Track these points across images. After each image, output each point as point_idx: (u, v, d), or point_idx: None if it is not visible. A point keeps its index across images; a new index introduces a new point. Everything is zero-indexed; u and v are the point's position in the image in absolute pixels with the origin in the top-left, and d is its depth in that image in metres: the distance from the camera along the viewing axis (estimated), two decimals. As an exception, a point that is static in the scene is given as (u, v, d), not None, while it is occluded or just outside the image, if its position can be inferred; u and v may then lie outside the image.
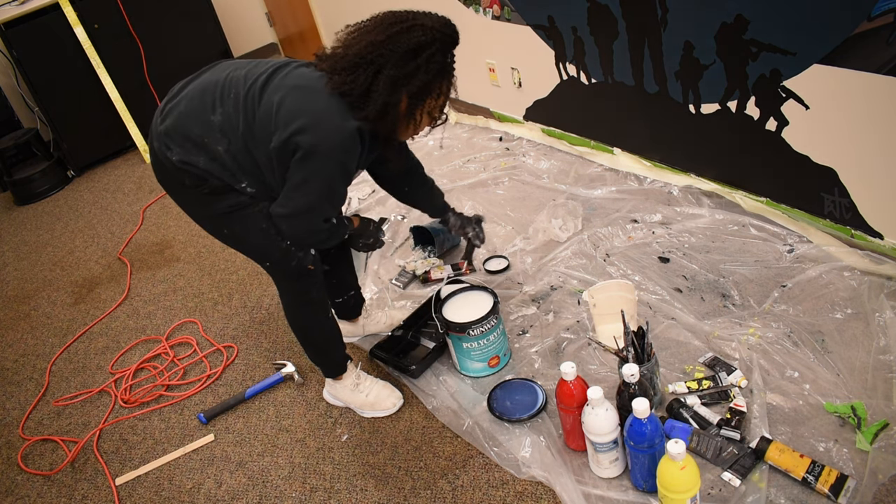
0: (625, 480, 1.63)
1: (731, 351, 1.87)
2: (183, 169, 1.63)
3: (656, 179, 2.65)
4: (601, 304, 1.99)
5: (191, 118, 1.62)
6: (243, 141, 1.60)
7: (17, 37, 3.86)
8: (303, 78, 1.60)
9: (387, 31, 1.53)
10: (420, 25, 1.53)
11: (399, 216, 2.88)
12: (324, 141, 1.53)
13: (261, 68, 1.64)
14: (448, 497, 1.74)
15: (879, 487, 1.48)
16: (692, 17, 2.19)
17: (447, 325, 1.95)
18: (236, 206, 1.68)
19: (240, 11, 4.99)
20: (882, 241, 2.03)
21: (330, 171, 1.58)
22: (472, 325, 1.91)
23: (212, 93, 1.63)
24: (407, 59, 1.52)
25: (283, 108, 1.56)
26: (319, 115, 1.54)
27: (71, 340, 2.72)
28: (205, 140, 1.60)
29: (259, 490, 1.90)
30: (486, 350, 1.96)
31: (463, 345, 1.96)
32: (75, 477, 2.10)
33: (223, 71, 1.68)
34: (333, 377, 2.03)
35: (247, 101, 1.59)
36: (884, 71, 1.79)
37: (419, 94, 1.58)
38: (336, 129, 1.54)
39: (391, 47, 1.52)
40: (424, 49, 1.53)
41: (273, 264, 1.80)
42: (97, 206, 3.85)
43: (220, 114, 1.60)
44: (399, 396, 2.03)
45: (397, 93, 1.55)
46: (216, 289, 2.80)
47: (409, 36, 1.52)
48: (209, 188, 1.65)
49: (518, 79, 3.13)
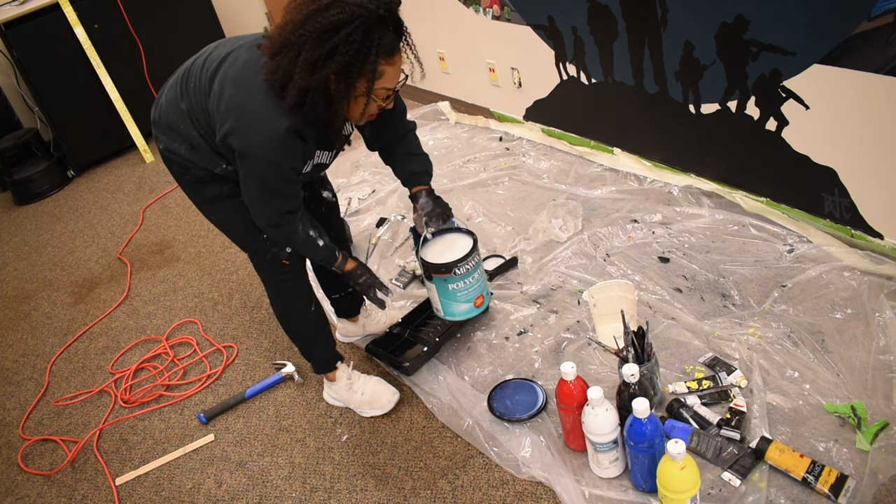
0: (625, 480, 1.63)
1: (731, 351, 1.87)
2: (169, 158, 1.70)
3: (656, 179, 2.65)
4: (601, 304, 1.99)
5: (168, 108, 1.67)
6: (210, 128, 1.61)
7: (17, 37, 3.86)
8: (245, 68, 1.53)
9: (306, 8, 1.43)
10: (338, 2, 1.41)
11: (399, 216, 2.88)
12: (253, 146, 1.52)
13: (219, 51, 1.62)
14: (448, 497, 1.74)
15: (879, 487, 1.48)
16: (692, 17, 2.19)
17: (431, 269, 1.91)
18: (219, 196, 1.73)
19: (240, 11, 4.98)
20: (882, 241, 2.03)
21: (265, 174, 1.56)
22: (459, 264, 1.88)
23: (182, 80, 1.65)
24: (323, 40, 1.41)
25: (222, 103, 1.54)
26: (248, 119, 1.50)
27: (71, 340, 2.72)
28: (181, 128, 1.64)
29: (259, 490, 1.90)
30: (471, 289, 1.95)
31: (449, 286, 1.92)
32: (75, 477, 2.10)
33: (198, 55, 1.69)
34: (323, 373, 2.06)
35: (201, 89, 1.60)
36: (884, 71, 1.79)
37: (344, 75, 1.45)
38: (265, 133, 1.50)
39: (308, 27, 1.41)
40: (342, 28, 1.40)
41: (253, 255, 1.87)
42: (97, 206, 3.85)
43: (185, 102, 1.63)
44: (394, 391, 2.04)
45: (316, 76, 1.43)
46: (216, 289, 2.80)
47: (325, 14, 1.40)
48: (193, 177, 1.71)
49: (518, 79, 3.13)
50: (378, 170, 3.26)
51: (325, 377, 2.07)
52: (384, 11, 1.44)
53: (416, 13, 3.50)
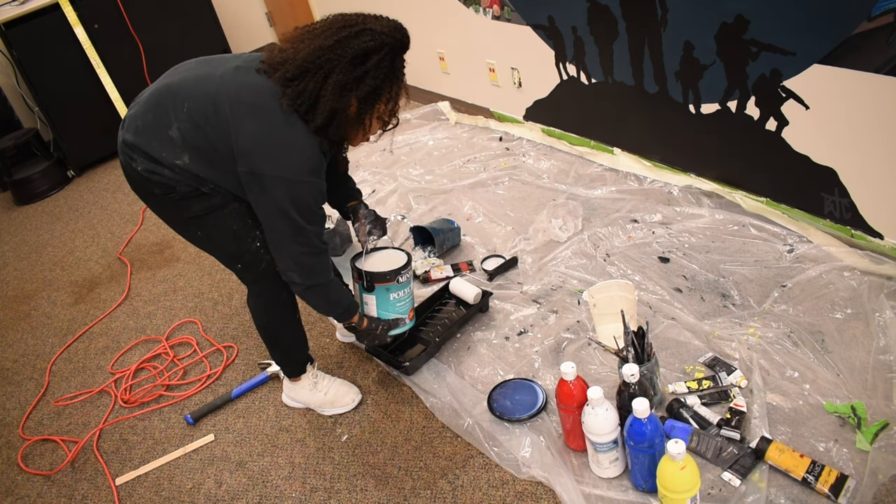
0: (625, 480, 1.63)
1: (731, 351, 1.87)
2: (150, 178, 1.63)
3: (656, 179, 2.65)
4: (601, 304, 1.99)
5: (148, 134, 1.61)
6: (206, 155, 1.60)
7: (17, 37, 3.86)
8: (257, 93, 1.57)
9: (335, 35, 1.52)
10: (369, 30, 1.52)
11: (399, 216, 2.88)
12: (286, 170, 1.56)
13: (214, 71, 1.62)
14: (448, 497, 1.74)
15: (879, 487, 1.48)
16: (692, 17, 2.19)
17: (375, 278, 1.93)
18: (209, 209, 1.69)
19: (240, 11, 4.99)
20: (882, 241, 2.03)
21: (303, 196, 1.60)
22: (402, 271, 1.94)
23: (165, 105, 1.61)
24: (355, 65, 1.51)
25: (242, 134, 1.55)
26: (278, 146, 1.55)
27: (71, 340, 2.72)
28: (163, 155, 1.60)
29: (259, 490, 1.90)
30: (408, 300, 2.00)
31: (391, 296, 1.96)
32: (75, 477, 2.10)
33: (178, 75, 1.66)
34: (295, 376, 2.05)
35: (202, 117, 1.58)
36: (884, 71, 1.79)
37: (368, 98, 1.57)
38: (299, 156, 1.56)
39: (339, 52, 1.50)
40: (373, 54, 1.52)
41: (244, 266, 1.81)
42: (97, 206, 3.85)
43: (177, 129, 1.59)
44: (357, 392, 2.06)
45: (345, 98, 1.54)
46: (216, 289, 2.80)
47: (357, 41, 1.51)
48: (178, 195, 1.65)
49: (518, 79, 3.14)
50: (378, 170, 3.26)
51: (290, 379, 2.07)
52: (406, 40, 1.58)
53: (417, 13, 3.50)
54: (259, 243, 1.76)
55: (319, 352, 2.30)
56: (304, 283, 1.72)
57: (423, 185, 3.05)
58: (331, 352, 2.30)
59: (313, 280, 1.73)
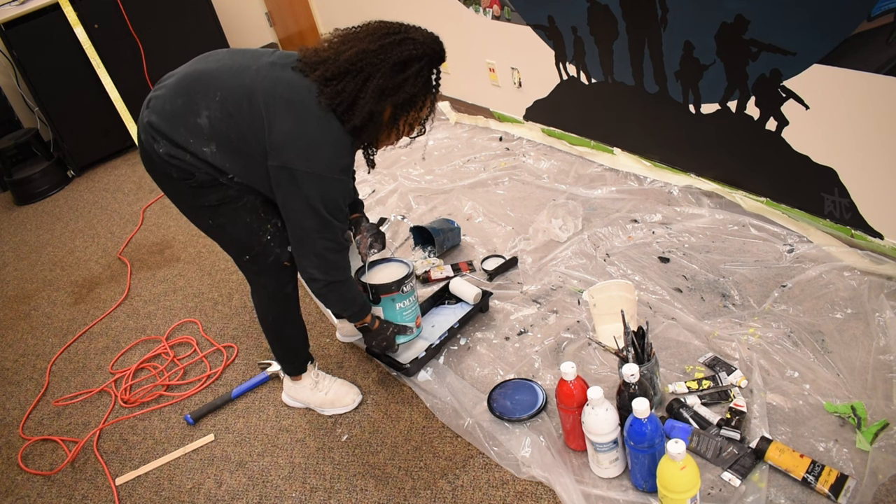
0: (625, 480, 1.63)
1: (731, 351, 1.87)
2: (170, 162, 1.63)
3: (656, 179, 2.65)
4: (601, 304, 1.99)
5: (175, 120, 1.61)
6: (234, 146, 1.61)
7: (17, 37, 3.86)
8: (294, 91, 1.59)
9: (379, 41, 1.56)
10: (411, 39, 1.57)
11: (399, 216, 2.88)
12: (320, 166, 1.59)
13: (248, 63, 1.63)
14: (448, 497, 1.74)
15: (879, 487, 1.48)
16: (692, 17, 2.19)
17: (381, 290, 1.98)
18: (224, 200, 1.70)
19: (240, 11, 4.99)
20: (882, 241, 2.03)
21: (333, 191, 1.63)
22: (405, 280, 1.98)
23: (196, 92, 1.61)
24: (396, 71, 1.56)
25: (277, 129, 1.57)
26: (314, 142, 1.58)
27: (71, 340, 2.72)
28: (190, 142, 1.60)
29: (259, 490, 1.90)
30: (413, 308, 2.04)
31: (396, 306, 2.00)
32: (75, 477, 2.10)
33: (209, 63, 1.66)
34: (295, 375, 2.05)
35: (236, 108, 1.58)
36: (884, 71, 1.79)
37: (404, 105, 1.62)
38: (334, 152, 1.60)
39: (382, 57, 1.55)
40: (414, 62, 1.57)
41: (252, 258, 1.81)
42: (97, 206, 3.85)
43: (207, 117, 1.59)
44: (358, 392, 2.07)
45: (383, 102, 1.58)
46: (216, 289, 2.80)
47: (400, 48, 1.55)
48: (197, 182, 1.65)
49: (518, 79, 3.14)
50: (378, 170, 3.26)
51: (290, 378, 2.07)
52: (443, 52, 1.64)
53: (417, 13, 3.50)
54: (269, 237, 1.77)
55: (319, 352, 2.30)
56: (324, 280, 1.74)
57: (423, 185, 3.05)
58: (331, 352, 2.30)
59: (334, 276, 1.75)
